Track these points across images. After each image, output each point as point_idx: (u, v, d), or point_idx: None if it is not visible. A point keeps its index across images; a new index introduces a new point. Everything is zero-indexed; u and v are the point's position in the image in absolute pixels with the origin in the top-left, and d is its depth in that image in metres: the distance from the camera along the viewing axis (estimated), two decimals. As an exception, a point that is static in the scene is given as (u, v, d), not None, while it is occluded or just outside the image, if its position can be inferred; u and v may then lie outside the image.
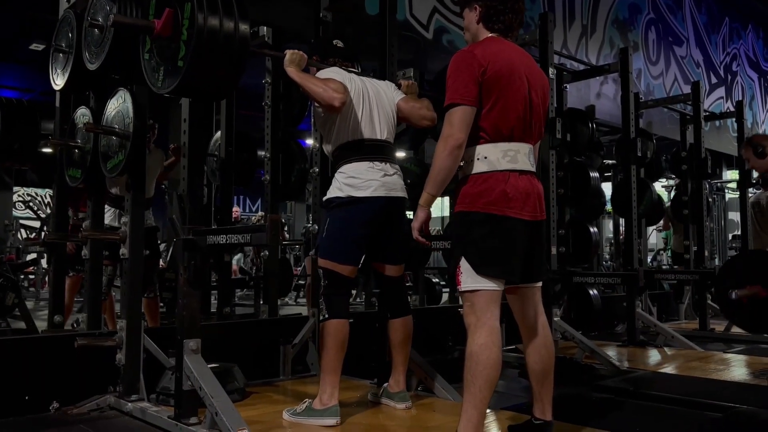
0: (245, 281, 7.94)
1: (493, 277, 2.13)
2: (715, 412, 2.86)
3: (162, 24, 2.35)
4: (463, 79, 2.14)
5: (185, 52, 2.29)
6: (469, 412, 2.06)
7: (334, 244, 2.74)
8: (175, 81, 2.33)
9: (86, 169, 3.24)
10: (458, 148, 2.14)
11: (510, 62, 2.19)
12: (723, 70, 11.14)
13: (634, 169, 5.11)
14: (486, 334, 2.08)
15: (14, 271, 7.64)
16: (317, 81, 2.69)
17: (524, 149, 2.21)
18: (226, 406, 2.35)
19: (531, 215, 2.18)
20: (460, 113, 2.13)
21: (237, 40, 2.34)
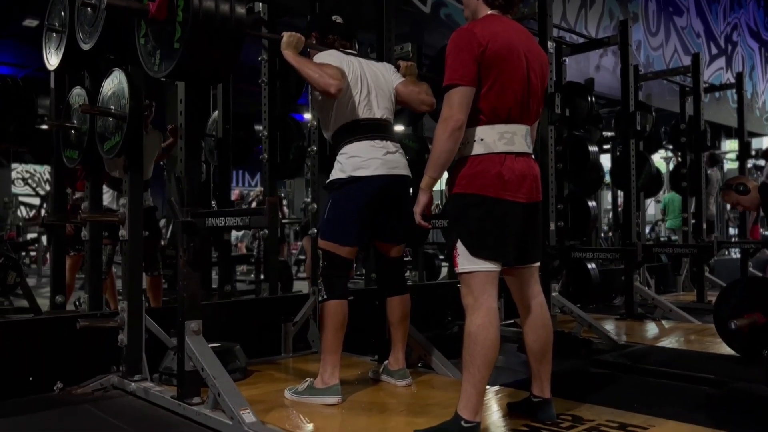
0: (246, 257, 7.97)
1: (487, 259, 2.14)
2: (713, 387, 2.89)
3: (157, 6, 2.32)
4: (462, 59, 2.11)
5: (181, 34, 2.27)
6: (468, 391, 2.09)
7: (335, 226, 2.74)
8: (171, 64, 2.31)
9: (83, 150, 3.23)
10: (458, 129, 2.12)
11: (509, 41, 2.17)
12: (723, 41, 11.03)
13: (633, 143, 5.08)
14: (483, 314, 2.10)
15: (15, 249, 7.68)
16: (314, 66, 2.66)
17: (521, 131, 2.21)
18: (228, 386, 2.37)
19: (526, 197, 2.19)
20: (460, 94, 2.11)
21: (233, 22, 2.32)
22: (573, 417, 2.40)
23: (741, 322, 3.27)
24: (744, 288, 3.51)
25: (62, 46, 3.19)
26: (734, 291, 3.53)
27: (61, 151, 3.46)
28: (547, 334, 2.36)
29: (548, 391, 2.37)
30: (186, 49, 2.25)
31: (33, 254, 10.23)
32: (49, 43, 3.37)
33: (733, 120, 9.16)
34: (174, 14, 2.30)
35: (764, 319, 3.26)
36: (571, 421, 2.36)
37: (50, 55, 3.37)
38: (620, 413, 2.43)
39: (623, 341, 3.97)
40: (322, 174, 3.65)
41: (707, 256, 5.72)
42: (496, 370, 3.51)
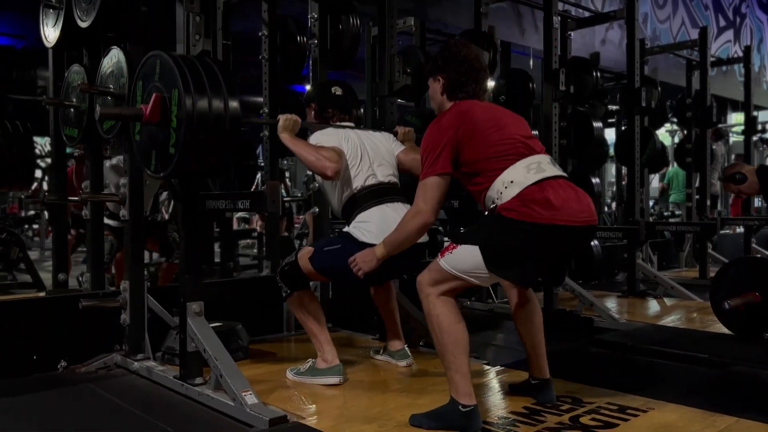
0: (248, 232, 7.99)
1: (500, 277, 2.17)
2: (714, 368, 2.90)
3: (150, 110, 2.30)
4: (434, 151, 2.17)
5: (176, 140, 2.26)
6: (454, 378, 2.11)
7: (329, 265, 2.67)
8: (168, 167, 2.32)
9: (83, 128, 3.21)
10: (427, 226, 2.23)
11: (481, 108, 2.28)
12: (732, 12, 10.84)
13: (638, 119, 5.03)
14: (442, 303, 2.14)
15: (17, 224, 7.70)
16: (310, 149, 2.65)
17: (544, 159, 2.19)
18: (230, 368, 2.39)
19: (580, 219, 2.09)
20: (436, 187, 2.16)
21: (228, 119, 2.30)
22: (573, 399, 2.41)
23: (735, 302, 3.28)
24: (740, 268, 3.50)
25: (59, 23, 3.15)
26: (730, 271, 3.53)
27: (60, 129, 3.43)
28: (535, 310, 2.42)
29: (547, 371, 2.41)
30: (181, 155, 2.25)
31: (36, 227, 10.25)
32: (46, 19, 3.32)
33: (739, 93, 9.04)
34: (168, 117, 2.29)
35: (760, 298, 3.26)
36: (571, 403, 2.37)
37: (48, 32, 3.32)
38: (620, 395, 2.44)
39: (624, 320, 3.98)
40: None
41: (711, 233, 5.70)
42: (497, 349, 3.57)
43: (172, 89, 2.27)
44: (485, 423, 2.17)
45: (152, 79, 2.39)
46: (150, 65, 2.42)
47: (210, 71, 2.31)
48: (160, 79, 2.35)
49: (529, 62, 7.25)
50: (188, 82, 2.23)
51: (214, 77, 2.30)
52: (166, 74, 2.32)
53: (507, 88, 5.04)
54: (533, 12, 6.68)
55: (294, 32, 4.10)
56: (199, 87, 2.25)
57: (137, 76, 2.49)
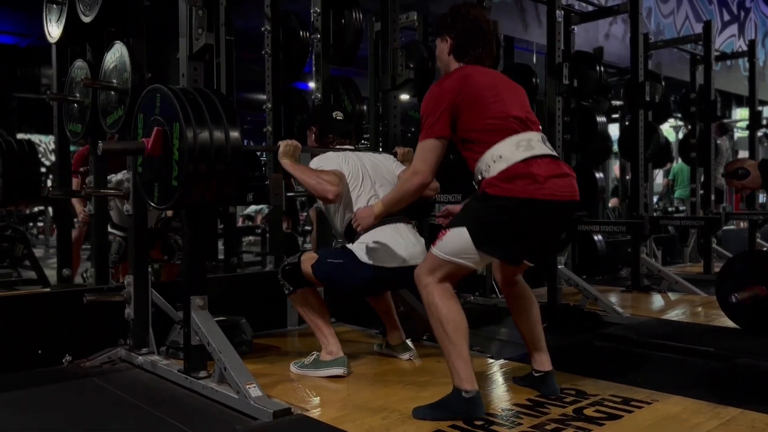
0: (251, 229, 7.99)
1: (487, 256, 2.18)
2: (718, 361, 2.90)
3: (152, 144, 2.31)
4: (434, 114, 2.19)
5: (178, 172, 2.26)
6: (456, 365, 2.13)
7: (329, 276, 2.70)
8: (171, 199, 2.32)
9: (86, 123, 3.21)
10: (425, 186, 2.26)
11: (484, 75, 2.27)
12: (736, 7, 10.80)
13: (642, 113, 5.02)
14: (440, 291, 2.16)
15: (22, 221, 7.72)
16: (311, 174, 2.66)
17: (536, 137, 2.20)
18: (234, 361, 2.39)
19: (563, 195, 2.13)
20: (434, 150, 2.19)
21: (229, 150, 2.30)
22: (577, 391, 2.41)
23: (742, 295, 3.27)
24: (745, 261, 3.49)
25: (63, 18, 3.16)
26: (736, 264, 3.52)
27: (64, 124, 3.44)
28: (531, 303, 2.43)
29: (548, 363, 2.41)
30: (184, 187, 2.25)
31: (40, 224, 10.28)
32: (49, 14, 3.33)
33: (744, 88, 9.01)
34: (169, 150, 2.29)
35: (766, 291, 3.25)
36: (575, 395, 2.37)
37: (51, 27, 3.33)
38: (624, 387, 2.44)
39: (628, 314, 3.97)
40: (326, 147, 3.62)
41: (715, 228, 5.68)
42: (501, 343, 3.57)
43: (173, 122, 2.28)
44: (489, 415, 2.17)
45: (153, 112, 2.39)
46: (150, 98, 2.43)
47: (210, 103, 2.32)
48: (160, 113, 2.35)
49: (533, 57, 7.24)
50: (189, 115, 2.23)
51: (214, 109, 2.31)
52: (166, 107, 2.33)
53: (510, 82, 5.03)
54: (536, 6, 6.67)
55: (296, 28, 4.10)
56: (200, 119, 2.25)
57: (138, 109, 2.50)
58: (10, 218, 6.74)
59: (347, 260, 2.65)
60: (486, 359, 2.95)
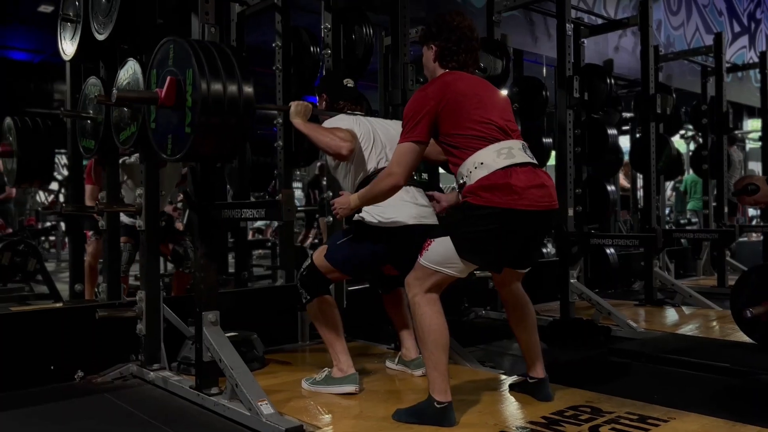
0: (262, 242, 8.01)
1: (470, 264, 2.23)
2: (734, 377, 2.86)
3: (165, 93, 2.33)
4: (414, 118, 2.26)
5: (191, 119, 2.27)
6: (432, 375, 2.23)
7: (345, 257, 2.70)
8: (183, 148, 2.32)
9: (99, 140, 3.23)
10: (396, 188, 2.34)
11: (467, 82, 2.33)
12: (746, 18, 10.76)
13: (653, 126, 4.99)
14: (426, 303, 2.24)
15: (35, 236, 7.77)
16: (324, 131, 2.66)
17: (516, 144, 2.26)
18: (246, 377, 2.38)
19: (541, 204, 2.21)
20: (411, 153, 2.26)
21: (242, 102, 2.31)
22: (592, 409, 2.38)
23: (757, 310, 3.22)
24: (761, 275, 3.44)
25: (77, 36, 3.19)
26: (751, 278, 3.47)
27: (77, 140, 3.47)
28: (527, 311, 2.51)
29: (542, 370, 2.48)
30: (197, 134, 2.26)
31: (52, 239, 10.34)
32: (64, 32, 3.36)
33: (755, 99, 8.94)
34: (183, 99, 2.31)
35: None
36: (590, 413, 2.33)
37: (65, 45, 3.37)
38: (640, 404, 2.40)
39: (642, 329, 3.93)
40: (337, 161, 3.62)
41: (729, 241, 5.63)
42: (513, 359, 3.54)
43: (187, 70, 2.29)
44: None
45: (166, 65, 2.41)
46: (164, 51, 2.43)
47: (224, 55, 2.33)
48: (174, 64, 2.37)
49: (542, 70, 7.23)
50: (203, 64, 2.25)
51: (228, 61, 2.32)
52: (180, 58, 2.34)
53: (520, 95, 5.04)
54: (545, 20, 6.67)
55: (307, 43, 4.13)
56: (214, 69, 2.27)
57: (151, 65, 2.51)
58: (23, 233, 6.79)
59: (355, 234, 2.67)
60: (498, 375, 2.93)
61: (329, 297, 2.81)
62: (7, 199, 8.86)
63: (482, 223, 2.17)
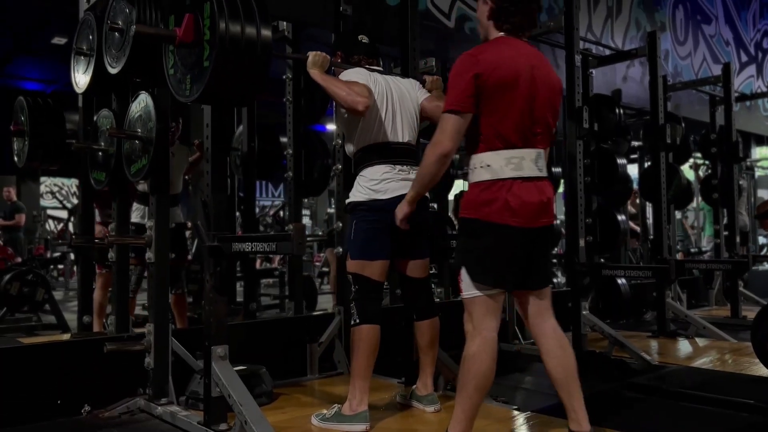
0: (270, 271, 7.98)
1: (485, 285, 2.17)
2: (755, 414, 2.78)
3: (183, 31, 2.32)
4: (460, 86, 2.14)
5: (209, 52, 2.26)
6: (458, 415, 2.15)
7: (362, 244, 2.71)
8: (202, 85, 2.29)
9: (110, 172, 3.24)
10: (445, 156, 2.20)
11: (514, 67, 2.15)
12: (753, 48, 10.81)
13: (663, 155, 4.98)
14: (478, 343, 2.14)
15: (43, 266, 7.78)
16: (341, 84, 2.66)
17: (530, 155, 2.18)
18: (255, 414, 2.34)
19: (535, 222, 2.18)
20: (453, 121, 2.15)
21: (260, 42, 2.30)
22: (609, 447, 2.32)
23: None
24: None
25: (90, 69, 3.22)
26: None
27: (88, 172, 3.48)
28: (566, 357, 2.27)
29: (587, 423, 2.24)
30: (216, 66, 2.23)
31: (61, 267, 10.36)
32: (77, 65, 3.40)
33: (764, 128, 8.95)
34: (201, 35, 2.31)
35: None
36: (607, 451, 2.28)
37: (78, 78, 3.39)
38: (658, 443, 2.34)
39: (656, 361, 3.86)
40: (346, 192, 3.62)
41: (742, 270, 5.56)
42: (527, 393, 3.48)
43: (204, 4, 2.28)
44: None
45: (183, 4, 2.40)
46: None
47: None
48: (192, 2, 2.36)
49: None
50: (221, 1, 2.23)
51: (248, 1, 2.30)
52: None
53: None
54: (553, 51, 6.71)
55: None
56: (232, 4, 2.25)
57: (167, 11, 2.49)
58: (32, 262, 6.79)
59: (357, 217, 2.70)
60: (512, 410, 2.86)
61: (377, 327, 2.69)
62: (16, 226, 8.89)
63: (479, 238, 2.16)
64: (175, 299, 4.40)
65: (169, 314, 3.10)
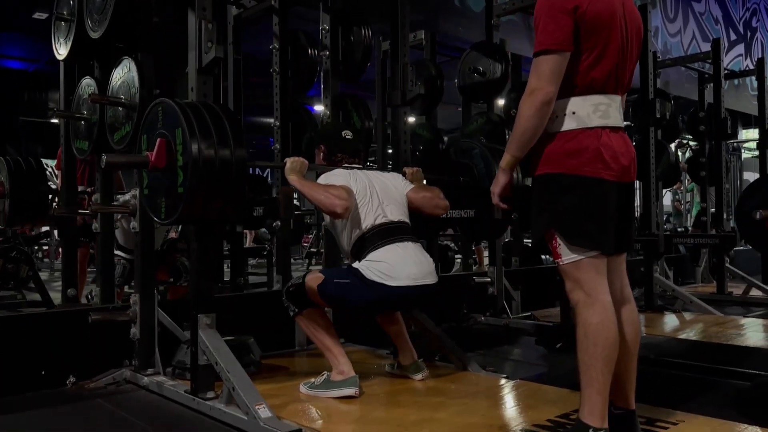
0: (258, 250, 7.93)
1: (587, 249, 1.90)
2: (742, 380, 2.80)
3: (156, 156, 2.29)
4: (556, 20, 1.86)
5: (183, 177, 2.23)
6: (593, 398, 1.88)
7: (336, 296, 2.62)
8: (177, 209, 2.27)
9: (93, 140, 3.18)
10: (547, 104, 1.89)
11: (609, 1, 1.93)
12: (742, 26, 10.82)
13: (652, 131, 4.97)
14: (599, 310, 1.87)
15: (27, 243, 7.67)
16: (319, 188, 2.62)
17: (616, 102, 1.96)
18: (243, 381, 2.32)
19: (626, 176, 1.96)
20: (552, 61, 1.86)
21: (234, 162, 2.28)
22: (598, 412, 2.31)
23: (766, 212, 3.17)
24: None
25: (71, 35, 3.15)
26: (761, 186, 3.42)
27: (71, 142, 3.41)
28: (635, 332, 2.09)
29: (633, 401, 2.07)
30: (190, 190, 2.21)
31: (45, 248, 10.25)
32: (57, 32, 3.32)
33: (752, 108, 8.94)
34: (173, 161, 2.27)
35: None
36: (597, 416, 2.27)
37: (59, 45, 3.32)
38: (647, 408, 2.34)
39: (644, 333, 3.87)
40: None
41: (730, 245, 5.60)
42: (515, 363, 3.49)
43: (176, 130, 2.25)
44: (508, 436, 2.08)
45: (156, 128, 2.37)
46: (153, 114, 2.41)
47: (214, 114, 2.30)
48: (163, 126, 2.33)
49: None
50: (192, 123, 2.21)
51: (218, 120, 2.28)
52: (169, 119, 2.30)
53: (518, 101, 4.99)
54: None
55: (305, 45, 4.09)
56: (204, 127, 2.22)
57: (141, 129, 2.48)
58: (16, 239, 6.69)
59: (354, 280, 2.58)
60: (500, 379, 2.87)
61: (318, 307, 2.73)
62: None
63: (568, 194, 1.89)
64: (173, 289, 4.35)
65: (155, 285, 3.06)
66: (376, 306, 2.73)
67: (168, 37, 3.34)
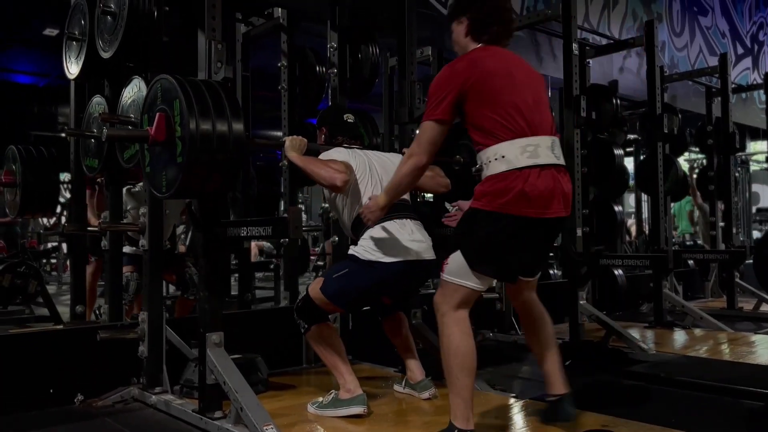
0: (265, 264, 7.93)
1: (484, 275, 2.14)
2: (755, 401, 2.77)
3: (155, 130, 2.31)
4: (438, 96, 2.13)
5: (182, 147, 2.25)
6: (455, 401, 2.11)
7: (341, 291, 2.62)
8: (177, 180, 2.28)
9: (103, 158, 3.20)
10: (420, 169, 2.19)
11: (497, 63, 2.16)
12: (749, 40, 10.80)
13: (660, 146, 4.96)
14: (454, 322, 2.12)
15: (36, 258, 7.72)
16: (319, 163, 2.63)
17: (545, 142, 2.13)
18: (251, 401, 2.31)
19: (552, 213, 2.12)
20: (430, 129, 2.14)
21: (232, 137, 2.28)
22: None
23: None
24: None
25: (82, 55, 3.17)
26: None
27: (80, 160, 3.43)
28: (540, 321, 2.39)
29: (562, 386, 2.34)
30: (188, 160, 2.22)
31: (54, 262, 10.28)
32: (69, 51, 3.35)
33: (760, 121, 8.94)
34: (173, 132, 2.29)
35: None
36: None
37: (70, 64, 3.35)
38: (658, 429, 2.32)
39: (654, 351, 3.85)
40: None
41: (740, 261, 5.56)
42: (523, 381, 3.46)
43: (173, 101, 2.27)
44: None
45: (156, 105, 2.39)
46: (153, 92, 2.43)
47: (212, 90, 2.31)
48: (162, 101, 2.35)
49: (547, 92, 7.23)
50: (189, 95, 2.23)
51: (217, 95, 2.29)
52: (168, 94, 2.33)
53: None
54: (550, 40, 6.69)
55: (313, 63, 4.12)
56: (201, 100, 2.24)
57: (143, 110, 2.50)
58: (24, 254, 6.73)
59: (351, 266, 2.60)
60: (508, 398, 2.85)
61: (328, 323, 2.76)
62: (14, 222, 8.82)
63: (487, 229, 2.08)
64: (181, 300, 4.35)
65: (163, 303, 3.06)
66: (379, 288, 2.66)
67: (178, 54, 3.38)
